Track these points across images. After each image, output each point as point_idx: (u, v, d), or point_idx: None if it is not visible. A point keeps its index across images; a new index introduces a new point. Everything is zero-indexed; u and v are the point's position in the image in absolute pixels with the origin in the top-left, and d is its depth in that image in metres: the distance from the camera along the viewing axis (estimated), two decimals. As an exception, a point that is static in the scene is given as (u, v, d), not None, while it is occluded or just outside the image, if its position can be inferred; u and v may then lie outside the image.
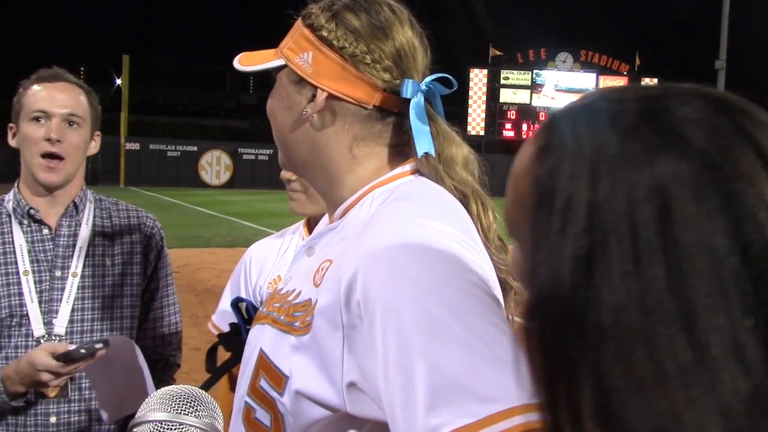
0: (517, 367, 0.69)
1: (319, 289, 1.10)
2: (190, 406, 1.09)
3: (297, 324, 1.11)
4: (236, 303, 1.96)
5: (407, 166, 1.21)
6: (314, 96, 1.20)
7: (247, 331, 1.81)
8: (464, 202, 1.19)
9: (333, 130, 1.21)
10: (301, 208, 2.12)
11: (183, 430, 1.07)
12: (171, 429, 1.07)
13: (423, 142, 1.17)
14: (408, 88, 1.17)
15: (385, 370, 0.96)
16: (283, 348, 1.11)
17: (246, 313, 1.89)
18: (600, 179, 0.60)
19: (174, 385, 1.14)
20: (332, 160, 1.22)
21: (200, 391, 1.16)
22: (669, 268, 0.56)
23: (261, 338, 1.19)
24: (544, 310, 0.63)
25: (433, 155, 1.17)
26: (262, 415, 1.14)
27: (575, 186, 0.62)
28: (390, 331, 0.96)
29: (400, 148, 1.22)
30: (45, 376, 1.83)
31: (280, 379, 1.11)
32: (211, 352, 1.81)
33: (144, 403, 1.11)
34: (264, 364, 1.15)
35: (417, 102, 1.17)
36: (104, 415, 1.96)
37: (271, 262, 2.18)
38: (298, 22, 1.24)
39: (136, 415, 1.10)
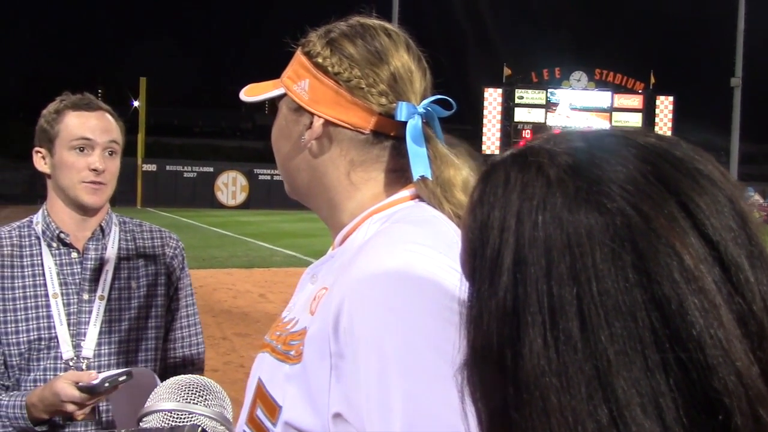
0: None
1: (314, 317, 1.09)
2: (199, 395, 1.09)
3: (292, 353, 1.10)
4: None
5: (406, 192, 1.20)
6: (312, 123, 1.20)
7: None
8: None
9: (330, 156, 1.21)
10: None
11: (192, 418, 1.07)
12: (180, 418, 1.06)
13: (419, 165, 1.16)
14: (402, 111, 1.17)
15: (366, 402, 0.96)
16: (278, 377, 1.11)
17: None
18: (524, 234, 0.60)
19: (183, 375, 1.14)
20: (332, 186, 1.22)
21: (209, 380, 1.16)
22: (583, 326, 0.55)
23: (260, 367, 1.18)
24: (479, 368, 0.63)
25: (430, 178, 1.17)
26: None
27: (503, 239, 0.61)
28: (371, 363, 0.96)
29: (401, 173, 1.21)
30: (69, 407, 1.85)
31: (274, 409, 1.10)
32: None
33: (153, 393, 1.11)
34: (261, 393, 1.14)
35: (414, 124, 1.17)
36: None
37: None
38: (298, 51, 1.25)
39: (146, 405, 1.10)
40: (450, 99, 1.22)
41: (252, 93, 1.31)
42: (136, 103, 43.82)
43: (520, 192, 0.62)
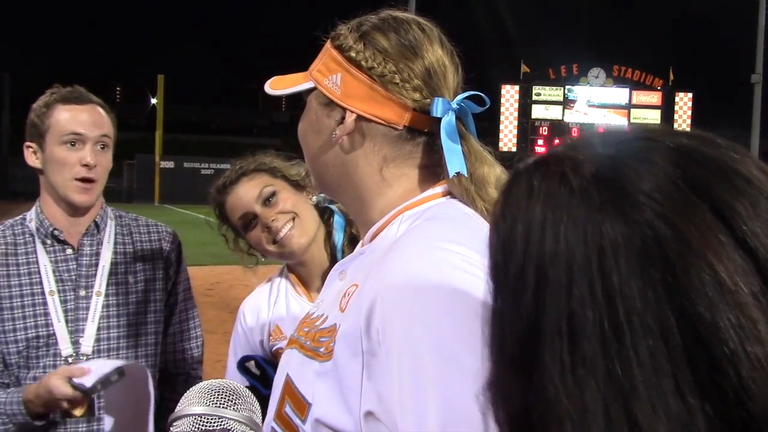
0: None
1: (344, 314, 1.08)
2: (228, 399, 1.10)
3: (321, 350, 1.09)
4: (243, 364, 1.93)
5: (438, 188, 1.19)
6: (343, 118, 1.18)
7: (266, 385, 1.79)
8: None
9: (362, 152, 1.19)
10: (300, 233, 2.05)
11: (222, 423, 1.07)
12: (210, 422, 1.07)
13: (454, 161, 1.14)
14: (438, 107, 1.15)
15: (400, 400, 0.95)
16: (308, 374, 1.10)
17: (258, 368, 1.88)
18: (546, 248, 0.57)
19: (213, 380, 1.14)
20: (363, 182, 1.21)
21: (238, 385, 1.16)
22: (605, 349, 0.52)
23: (288, 363, 1.17)
24: (503, 391, 0.60)
25: (465, 175, 1.15)
26: None
27: (527, 255, 0.58)
28: (405, 363, 0.95)
29: (433, 169, 1.20)
30: (63, 404, 1.86)
31: (303, 406, 1.09)
32: None
33: (183, 398, 1.12)
34: (289, 389, 1.13)
35: (448, 121, 1.15)
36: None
37: (266, 313, 2.15)
38: (328, 44, 1.23)
39: (176, 410, 1.10)
40: (483, 95, 1.20)
41: (278, 86, 1.29)
42: (154, 101, 44.08)
43: (543, 203, 0.58)
